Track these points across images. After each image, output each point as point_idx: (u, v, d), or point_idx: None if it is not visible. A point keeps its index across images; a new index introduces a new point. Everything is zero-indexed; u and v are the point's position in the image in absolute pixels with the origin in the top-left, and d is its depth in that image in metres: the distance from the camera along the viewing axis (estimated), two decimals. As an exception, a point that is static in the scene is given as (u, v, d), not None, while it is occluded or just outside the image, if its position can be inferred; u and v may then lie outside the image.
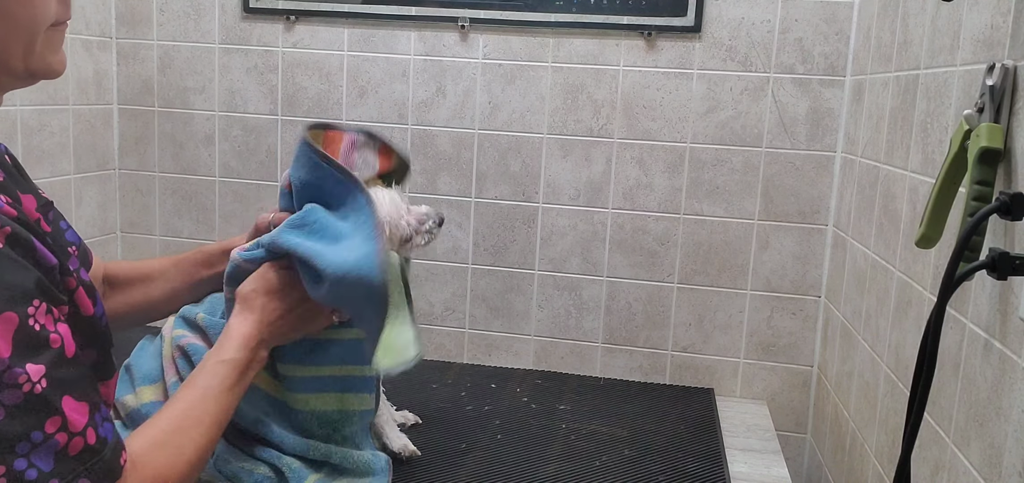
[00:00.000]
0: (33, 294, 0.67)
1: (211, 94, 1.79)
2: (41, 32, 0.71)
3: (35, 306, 0.66)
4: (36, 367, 0.65)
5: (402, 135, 1.72)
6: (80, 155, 1.73)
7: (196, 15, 1.76)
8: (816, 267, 1.62)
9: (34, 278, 0.68)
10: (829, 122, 1.57)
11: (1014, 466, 0.78)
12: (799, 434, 1.68)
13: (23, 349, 0.64)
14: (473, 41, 1.67)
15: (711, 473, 1.24)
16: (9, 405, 0.63)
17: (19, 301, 0.65)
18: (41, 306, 0.67)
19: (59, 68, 0.76)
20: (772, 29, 1.56)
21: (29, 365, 0.64)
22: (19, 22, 0.69)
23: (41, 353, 0.66)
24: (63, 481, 0.67)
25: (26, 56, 0.71)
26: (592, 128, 1.65)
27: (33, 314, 0.66)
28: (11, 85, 0.75)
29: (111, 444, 0.72)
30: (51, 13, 0.72)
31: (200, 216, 1.84)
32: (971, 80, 0.94)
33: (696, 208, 1.64)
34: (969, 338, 0.91)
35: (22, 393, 0.64)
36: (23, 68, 0.72)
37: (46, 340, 0.67)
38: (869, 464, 1.26)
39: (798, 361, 1.66)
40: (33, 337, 0.65)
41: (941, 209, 0.89)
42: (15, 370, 0.63)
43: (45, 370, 0.66)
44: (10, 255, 0.66)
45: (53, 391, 0.66)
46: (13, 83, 0.74)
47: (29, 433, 0.64)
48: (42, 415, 0.65)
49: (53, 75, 0.76)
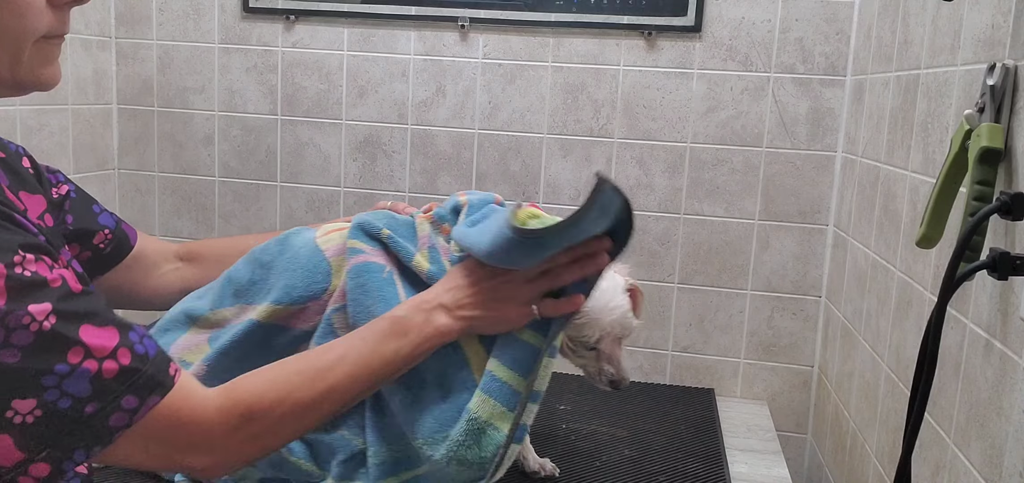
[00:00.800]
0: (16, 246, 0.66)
1: (211, 94, 1.79)
2: (28, 43, 0.69)
3: (21, 255, 0.65)
4: (39, 306, 0.64)
5: (402, 135, 1.72)
6: (79, 155, 1.73)
7: (196, 15, 1.76)
8: (817, 267, 1.62)
9: (18, 237, 0.67)
10: (829, 122, 1.57)
11: (1015, 466, 0.78)
12: (799, 434, 1.68)
13: (17, 294, 0.63)
14: (473, 41, 1.67)
15: (711, 473, 1.24)
16: (23, 346, 0.63)
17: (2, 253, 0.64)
18: (28, 256, 0.66)
19: (49, 81, 0.73)
20: (772, 29, 1.56)
21: (31, 306, 0.64)
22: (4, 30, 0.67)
23: (39, 292, 0.65)
24: (102, 403, 0.67)
25: (13, 66, 0.69)
26: (592, 128, 1.65)
27: (20, 263, 0.65)
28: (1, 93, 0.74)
29: (154, 358, 0.71)
30: (42, 25, 0.69)
31: (200, 216, 1.84)
32: (972, 80, 0.94)
33: (696, 208, 1.64)
34: (970, 338, 0.90)
35: (31, 332, 0.63)
36: (9, 77, 0.70)
37: (43, 282, 0.66)
38: (869, 464, 1.26)
39: (799, 361, 1.66)
40: (25, 282, 0.64)
41: (942, 209, 0.89)
42: (16, 313, 0.63)
43: (51, 306, 0.65)
44: None
45: (65, 324, 0.65)
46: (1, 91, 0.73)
47: (52, 366, 0.64)
48: (61, 348, 0.65)
49: (43, 88, 0.73)
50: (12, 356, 0.63)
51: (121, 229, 1.08)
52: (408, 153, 1.73)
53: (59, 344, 0.65)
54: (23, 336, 0.63)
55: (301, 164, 1.77)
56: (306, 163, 1.77)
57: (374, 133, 1.73)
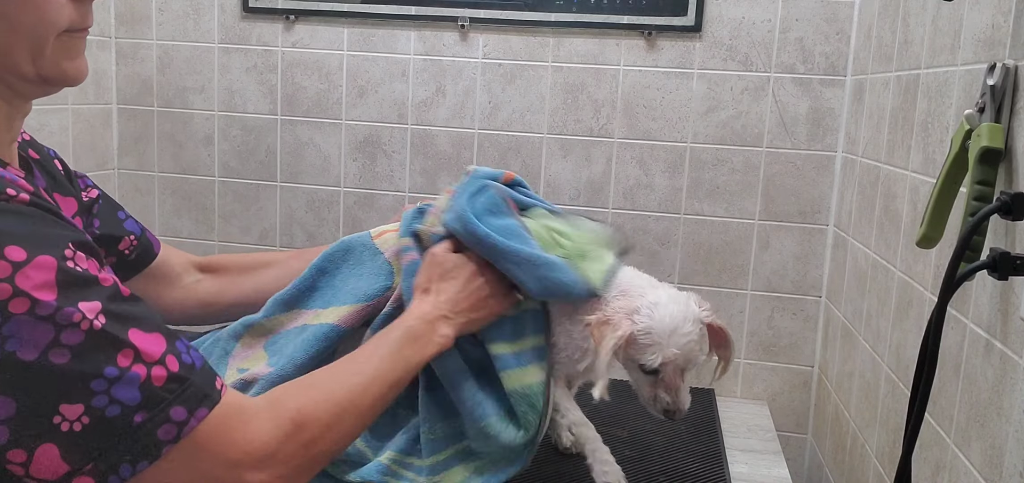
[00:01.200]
0: (66, 242, 0.64)
1: (210, 94, 1.79)
2: (50, 37, 0.69)
3: (71, 250, 0.63)
4: (90, 305, 0.62)
5: (402, 135, 1.72)
6: (79, 155, 1.73)
7: (195, 14, 1.76)
8: (817, 267, 1.62)
9: (69, 232, 0.65)
10: (830, 122, 1.57)
11: (1015, 466, 0.78)
12: (800, 434, 1.68)
13: (69, 289, 0.61)
14: (473, 41, 1.67)
15: (711, 473, 1.24)
16: (73, 345, 0.60)
17: (53, 245, 0.62)
18: (78, 253, 0.64)
19: (76, 75, 0.73)
20: (773, 29, 1.56)
21: (82, 303, 0.61)
22: (22, 27, 0.67)
23: (90, 290, 0.63)
24: (151, 412, 0.63)
25: (37, 61, 0.69)
26: (592, 128, 1.65)
27: (71, 256, 0.63)
28: (30, 91, 0.73)
29: (200, 370, 0.68)
30: (63, 20, 0.69)
31: (200, 216, 1.84)
32: (972, 80, 0.94)
33: (696, 208, 1.64)
34: (970, 338, 0.90)
35: (82, 331, 0.61)
36: (34, 74, 0.69)
37: (94, 279, 0.64)
38: (870, 464, 1.26)
39: (799, 361, 1.66)
40: (77, 277, 0.62)
41: (942, 209, 0.89)
42: (66, 310, 0.60)
43: (101, 305, 0.62)
44: (34, 212, 0.64)
45: (116, 324, 0.63)
46: (30, 89, 0.72)
47: (102, 370, 0.61)
48: (111, 350, 0.62)
49: (70, 83, 0.73)
50: (61, 356, 0.60)
51: (146, 237, 1.07)
52: (408, 153, 1.73)
53: (110, 345, 0.62)
54: (73, 335, 0.60)
55: (301, 164, 1.77)
56: (306, 163, 1.77)
57: (374, 133, 1.73)
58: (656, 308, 0.98)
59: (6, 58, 0.68)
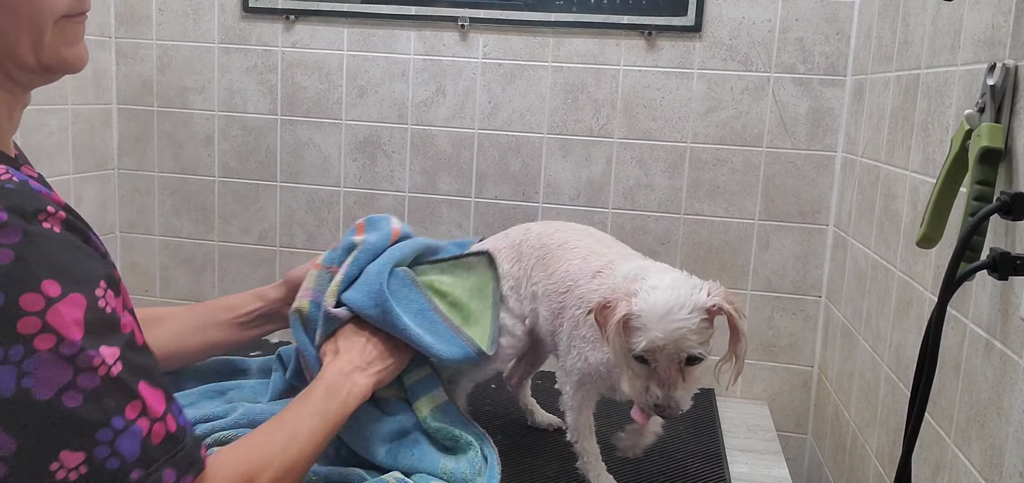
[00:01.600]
0: (99, 277, 0.64)
1: (210, 94, 1.79)
2: (49, 23, 0.68)
3: (103, 288, 0.63)
4: (110, 350, 0.62)
5: (402, 135, 1.72)
6: (79, 155, 1.73)
7: (195, 14, 1.76)
8: (817, 267, 1.62)
9: (99, 264, 0.65)
10: (830, 122, 1.57)
11: (1015, 466, 0.78)
12: (799, 434, 1.68)
13: (95, 330, 0.61)
14: (473, 41, 1.67)
15: (711, 473, 1.24)
16: (87, 390, 0.60)
17: (86, 282, 0.62)
18: (108, 291, 0.64)
19: (76, 62, 0.73)
20: (772, 29, 1.56)
21: (103, 347, 0.61)
22: (21, 13, 0.67)
23: (113, 335, 0.63)
24: (146, 471, 0.63)
25: (36, 48, 0.69)
26: (592, 128, 1.65)
27: (102, 296, 0.63)
28: (30, 80, 0.73)
29: (190, 435, 0.69)
30: (61, 5, 0.69)
31: (199, 216, 1.84)
32: (972, 80, 0.94)
33: (696, 208, 1.64)
34: (970, 338, 0.90)
35: (99, 376, 0.61)
36: (35, 62, 0.69)
37: (117, 323, 0.64)
38: (870, 464, 1.26)
39: (799, 361, 1.66)
40: (105, 319, 0.62)
41: (942, 209, 0.89)
42: (88, 352, 0.60)
43: (119, 352, 0.63)
44: (71, 240, 0.64)
45: (130, 374, 0.63)
46: (31, 78, 0.72)
47: (110, 419, 0.61)
48: (122, 400, 0.62)
49: (71, 70, 0.73)
50: (74, 399, 0.59)
51: None
52: (408, 153, 1.73)
53: (121, 394, 0.62)
54: (90, 379, 0.60)
55: (301, 164, 1.77)
56: (306, 163, 1.77)
57: (374, 133, 1.73)
58: (653, 292, 0.92)
59: (8, 47, 0.68)
